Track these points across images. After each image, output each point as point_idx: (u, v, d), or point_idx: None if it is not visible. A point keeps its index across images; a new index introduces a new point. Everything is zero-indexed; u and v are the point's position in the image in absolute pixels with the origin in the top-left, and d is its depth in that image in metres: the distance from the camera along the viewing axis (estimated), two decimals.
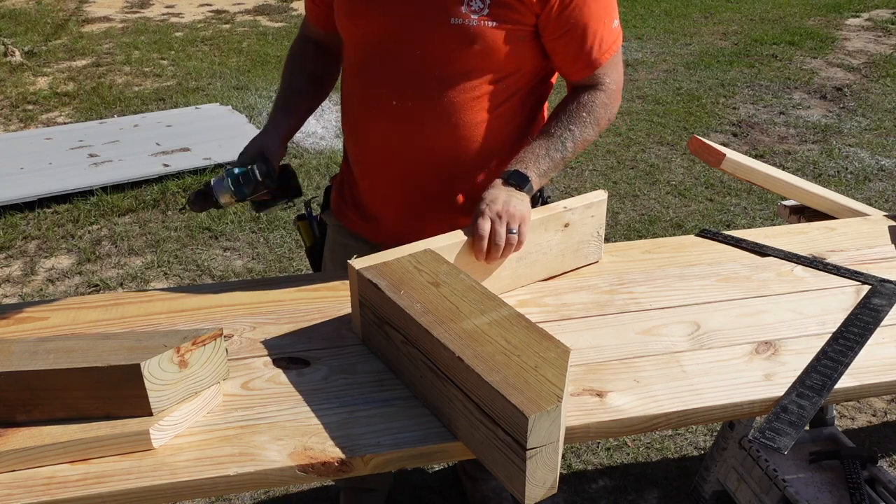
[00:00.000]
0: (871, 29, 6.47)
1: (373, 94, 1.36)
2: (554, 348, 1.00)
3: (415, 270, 1.17)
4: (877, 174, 3.98)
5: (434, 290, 1.12)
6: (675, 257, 1.46)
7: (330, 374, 1.14)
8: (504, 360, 0.97)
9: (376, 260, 1.20)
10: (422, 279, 1.15)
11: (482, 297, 1.11)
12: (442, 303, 1.09)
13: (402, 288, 1.12)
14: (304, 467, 0.97)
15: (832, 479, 1.80)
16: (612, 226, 3.48)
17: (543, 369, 0.96)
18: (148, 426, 0.99)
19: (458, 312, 1.07)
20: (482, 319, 1.06)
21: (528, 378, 0.94)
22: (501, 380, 0.93)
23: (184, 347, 1.03)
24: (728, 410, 1.10)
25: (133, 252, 3.31)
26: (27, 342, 1.07)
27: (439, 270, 1.17)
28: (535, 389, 0.92)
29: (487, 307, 1.08)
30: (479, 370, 0.95)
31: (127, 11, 7.28)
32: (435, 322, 1.05)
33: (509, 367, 0.96)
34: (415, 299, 1.09)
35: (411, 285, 1.13)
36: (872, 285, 1.35)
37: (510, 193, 1.28)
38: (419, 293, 1.11)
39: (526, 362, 0.97)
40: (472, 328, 1.04)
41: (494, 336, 1.02)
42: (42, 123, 4.71)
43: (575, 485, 2.15)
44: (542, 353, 0.99)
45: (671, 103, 4.88)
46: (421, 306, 1.08)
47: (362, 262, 1.19)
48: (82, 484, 0.95)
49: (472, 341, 1.01)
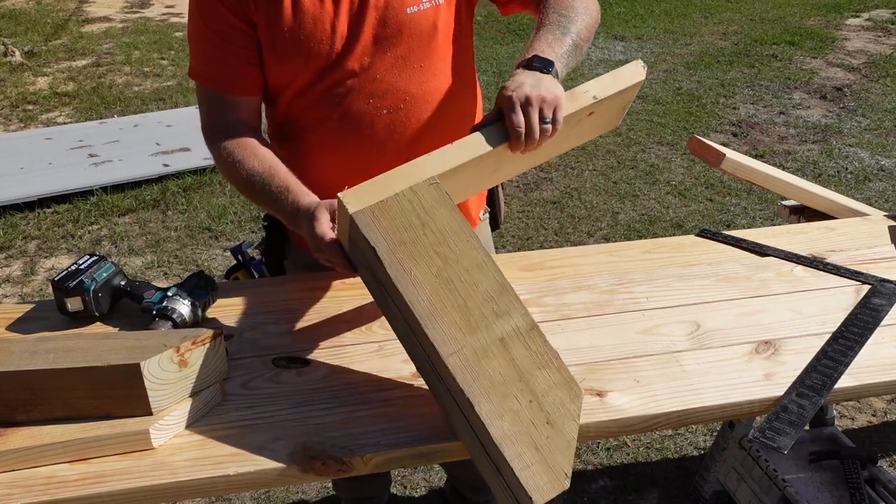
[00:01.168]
0: (871, 29, 6.46)
1: (356, 111, 1.27)
2: (567, 391, 0.92)
3: (418, 223, 1.00)
4: (877, 174, 3.98)
5: (440, 266, 0.98)
6: (675, 257, 1.46)
7: (330, 374, 1.14)
8: (514, 406, 0.90)
9: (371, 195, 1.00)
10: (426, 241, 0.99)
11: (495, 288, 0.98)
12: (450, 297, 0.96)
13: (402, 254, 0.97)
14: (304, 467, 0.97)
15: (832, 479, 1.80)
16: (612, 226, 3.48)
17: (554, 429, 0.89)
18: (148, 426, 0.99)
19: (468, 316, 0.95)
20: (493, 332, 0.95)
21: (539, 442, 0.88)
22: (511, 443, 0.87)
23: (184, 347, 1.03)
24: (728, 410, 1.10)
25: (133, 252, 3.31)
26: (27, 342, 1.07)
27: (446, 227, 1.00)
28: (544, 465, 0.86)
29: (499, 309, 0.97)
30: (486, 420, 0.87)
31: (127, 11, 7.28)
32: (441, 333, 0.93)
33: (519, 419, 0.89)
34: (420, 286, 0.95)
35: (414, 251, 0.98)
36: (872, 285, 1.35)
37: (537, 77, 1.12)
38: (423, 270, 0.97)
39: (537, 415, 0.90)
40: (482, 348, 0.93)
41: (504, 363, 0.93)
42: (42, 123, 4.71)
43: (575, 485, 2.15)
44: (553, 398, 0.92)
45: (671, 103, 4.88)
46: (427, 300, 0.95)
47: (355, 200, 1.00)
48: (82, 483, 0.95)
49: (479, 370, 0.91)
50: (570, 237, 3.39)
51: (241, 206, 3.63)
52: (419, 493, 2.14)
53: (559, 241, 3.36)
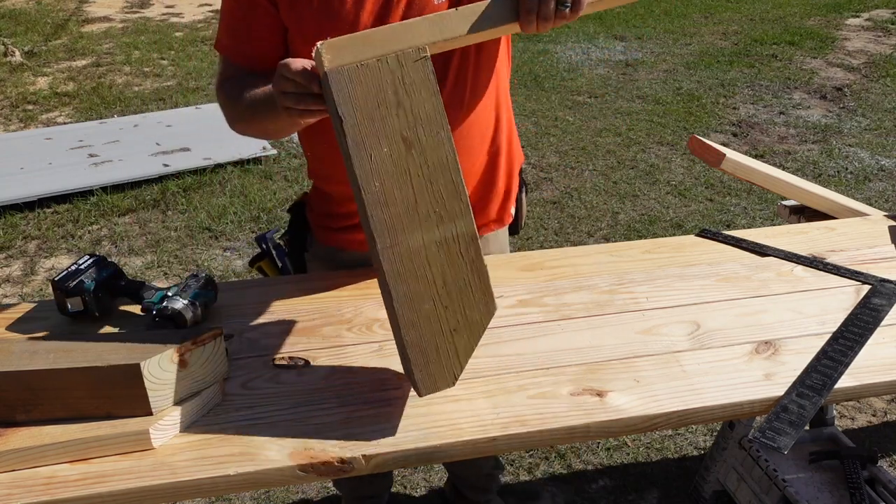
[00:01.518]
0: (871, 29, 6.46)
1: None
2: (483, 306, 1.00)
3: (393, 100, 0.94)
4: (877, 174, 3.98)
5: (402, 152, 0.95)
6: (675, 257, 1.46)
7: (330, 374, 1.14)
8: (429, 310, 0.97)
9: (352, 53, 0.93)
10: (395, 124, 0.94)
11: (449, 192, 0.97)
12: (402, 188, 0.95)
13: (367, 132, 0.93)
14: (304, 467, 0.97)
15: (832, 479, 1.80)
16: (612, 226, 3.48)
17: (459, 336, 0.98)
18: (148, 426, 0.99)
19: (414, 212, 0.95)
20: (433, 235, 0.96)
21: (440, 345, 0.98)
22: (414, 340, 0.97)
23: (184, 347, 1.03)
24: (728, 410, 1.10)
25: (133, 252, 3.31)
26: (27, 342, 1.07)
27: (420, 112, 0.95)
28: (438, 364, 0.98)
29: (446, 214, 0.96)
30: (401, 319, 0.96)
31: (127, 11, 7.28)
32: (383, 223, 0.94)
33: (429, 324, 0.97)
34: (375, 172, 0.94)
35: (380, 132, 0.94)
36: (872, 285, 1.35)
37: None
38: (384, 155, 0.94)
39: (447, 322, 0.98)
40: (417, 247, 0.95)
41: (434, 269, 0.97)
42: (42, 123, 4.71)
43: (575, 485, 2.15)
44: (468, 310, 0.99)
45: (671, 103, 4.88)
46: (379, 188, 0.94)
47: (333, 53, 0.93)
48: (82, 484, 0.95)
49: (409, 271, 0.96)
50: (570, 237, 3.39)
51: (241, 206, 3.63)
52: (419, 493, 2.14)
53: (559, 241, 3.36)
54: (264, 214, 3.56)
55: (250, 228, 3.46)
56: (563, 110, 4.80)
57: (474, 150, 1.36)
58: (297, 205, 1.51)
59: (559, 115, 4.71)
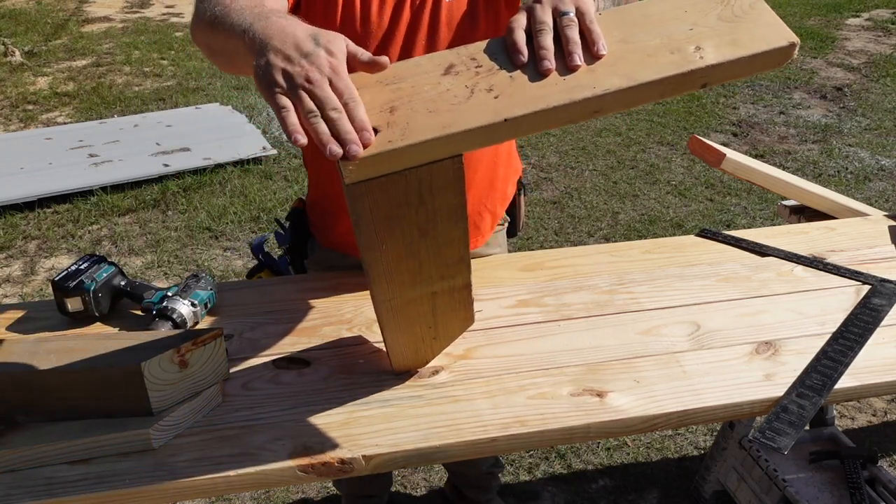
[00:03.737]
0: (871, 29, 6.46)
1: None
2: (462, 322, 1.11)
3: (416, 201, 0.84)
4: (877, 174, 3.98)
5: (414, 238, 0.90)
6: (675, 257, 1.46)
7: (330, 374, 1.14)
8: (417, 331, 1.06)
9: (378, 169, 0.79)
10: (413, 219, 0.87)
11: (454, 260, 0.94)
12: (409, 263, 0.92)
13: (382, 229, 0.87)
14: (304, 467, 0.97)
15: (832, 479, 1.80)
16: (612, 226, 3.48)
17: (437, 342, 1.11)
18: (148, 426, 0.99)
19: (417, 277, 0.95)
20: (432, 288, 0.98)
21: (421, 349, 1.11)
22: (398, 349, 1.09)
23: (184, 347, 1.03)
24: (728, 410, 1.10)
25: (133, 252, 3.31)
26: (27, 342, 1.07)
27: (442, 208, 0.87)
28: (416, 359, 1.12)
29: (447, 273, 0.96)
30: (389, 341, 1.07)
31: (127, 11, 7.28)
32: (385, 289, 0.95)
33: (414, 337, 1.07)
34: (385, 255, 0.90)
35: (397, 227, 0.87)
36: (872, 285, 1.35)
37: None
38: (396, 243, 0.89)
39: (429, 334, 1.08)
40: (415, 297, 1.00)
41: (426, 307, 1.03)
42: (42, 123, 4.71)
43: (575, 485, 2.15)
44: (450, 326, 1.10)
45: (671, 103, 4.88)
46: (385, 266, 0.92)
47: (358, 173, 0.78)
48: (82, 484, 0.95)
49: (404, 312, 1.02)
50: (570, 237, 3.39)
51: (241, 206, 3.63)
52: (419, 492, 2.14)
53: (559, 241, 3.36)
54: (264, 214, 3.55)
55: (250, 228, 3.46)
56: None
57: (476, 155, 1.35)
58: (295, 211, 1.49)
59: None
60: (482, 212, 1.41)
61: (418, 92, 0.83)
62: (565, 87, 0.82)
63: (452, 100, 0.82)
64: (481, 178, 1.36)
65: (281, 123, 0.77)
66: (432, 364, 1.15)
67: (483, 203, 1.40)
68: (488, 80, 0.84)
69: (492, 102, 0.82)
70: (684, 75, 0.83)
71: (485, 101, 0.81)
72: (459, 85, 0.84)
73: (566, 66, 0.83)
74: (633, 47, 0.85)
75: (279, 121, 0.77)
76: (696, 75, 0.83)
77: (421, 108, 0.81)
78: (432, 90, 0.83)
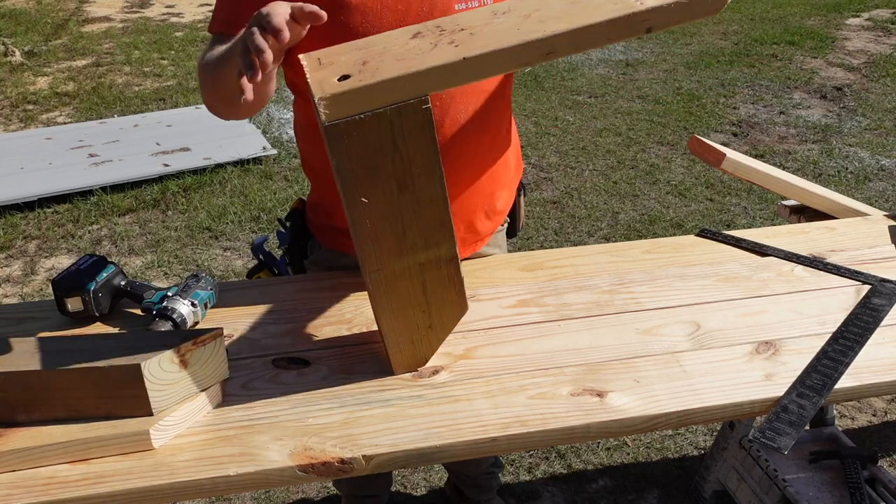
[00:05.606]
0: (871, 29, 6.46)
1: None
2: (456, 309, 1.11)
3: (391, 148, 0.92)
4: (877, 174, 3.98)
5: (394, 193, 0.95)
6: (675, 257, 1.46)
7: (330, 374, 1.14)
8: (410, 314, 1.08)
9: (353, 107, 0.88)
10: (391, 168, 0.93)
11: (436, 224, 0.99)
12: (393, 224, 0.97)
13: (362, 178, 0.92)
14: (304, 467, 0.97)
15: (832, 478, 1.80)
16: (612, 226, 3.48)
17: (433, 331, 1.11)
18: (148, 426, 0.99)
19: (402, 243, 0.99)
20: (418, 258, 1.02)
21: (416, 338, 1.11)
22: (394, 337, 1.09)
23: (184, 347, 1.03)
24: (728, 410, 1.10)
25: (133, 252, 3.31)
26: (27, 342, 1.07)
27: (417, 156, 0.93)
28: (412, 352, 1.12)
29: (431, 241, 1.00)
30: (383, 324, 1.07)
31: (127, 11, 7.28)
32: (372, 256, 0.99)
33: (408, 324, 1.08)
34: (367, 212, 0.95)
35: (375, 177, 0.93)
36: (872, 285, 1.35)
37: None
38: (377, 196, 0.94)
39: (424, 321, 1.09)
40: (402, 269, 1.03)
41: (416, 283, 1.05)
42: (42, 123, 4.71)
43: (575, 485, 2.15)
44: (443, 312, 1.10)
45: (671, 103, 4.88)
46: (370, 226, 0.96)
47: (333, 110, 0.87)
48: (82, 484, 0.95)
49: (393, 287, 1.04)
50: (570, 237, 3.39)
51: (241, 206, 3.63)
52: (419, 492, 2.14)
53: (559, 241, 3.36)
54: (264, 214, 3.56)
55: (250, 228, 3.46)
56: (563, 110, 4.80)
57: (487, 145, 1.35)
58: (296, 212, 1.49)
59: (559, 115, 4.71)
60: (477, 212, 1.40)
61: (388, 50, 0.94)
62: (519, 34, 0.92)
63: (418, 52, 0.92)
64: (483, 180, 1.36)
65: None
66: (432, 364, 1.15)
67: (479, 204, 1.40)
68: (451, 37, 0.94)
69: (453, 50, 0.91)
70: (627, 17, 0.93)
71: (447, 50, 0.92)
72: (425, 43, 0.94)
73: None
74: (581, 5, 0.96)
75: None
76: (638, 18, 0.93)
77: (389, 60, 0.91)
78: (400, 48, 0.94)
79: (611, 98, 4.99)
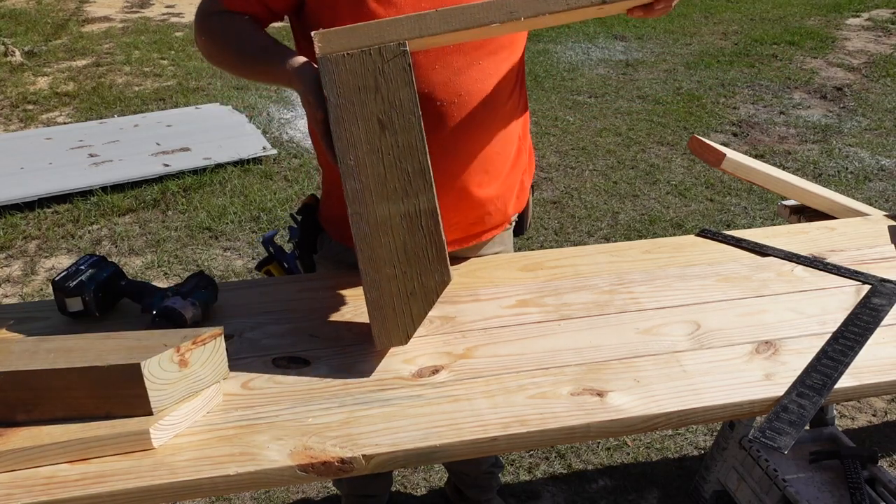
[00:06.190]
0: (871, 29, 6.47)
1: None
2: (438, 275, 1.11)
3: (373, 86, 1.06)
4: (877, 174, 3.98)
5: (376, 132, 1.07)
6: (675, 257, 1.46)
7: (330, 374, 1.14)
8: (390, 273, 1.10)
9: (343, 42, 1.05)
10: (373, 106, 1.06)
11: (415, 171, 1.08)
12: (375, 164, 1.07)
13: (347, 112, 1.06)
14: (304, 467, 0.97)
15: (832, 479, 1.80)
16: (612, 226, 3.48)
17: (414, 300, 1.10)
18: (148, 426, 0.99)
19: (383, 185, 1.08)
20: (398, 207, 1.08)
21: (397, 306, 1.11)
22: (375, 299, 1.09)
23: (184, 347, 1.03)
24: (728, 410, 1.10)
25: (133, 252, 3.31)
26: (27, 342, 1.07)
27: (396, 99, 1.07)
28: (394, 322, 1.11)
29: (411, 190, 1.08)
30: (365, 279, 1.09)
31: (127, 11, 7.28)
32: (356, 193, 1.07)
33: (389, 286, 1.10)
34: (351, 147, 1.06)
35: (359, 112, 1.06)
36: (872, 285, 1.35)
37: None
38: (360, 133, 1.06)
39: (405, 286, 1.10)
40: (384, 217, 1.08)
41: (397, 237, 1.09)
42: (42, 123, 4.71)
43: (575, 485, 2.15)
44: (424, 277, 1.10)
45: (671, 103, 4.88)
46: (353, 161, 1.07)
47: (325, 42, 1.06)
48: (82, 483, 0.95)
49: (374, 237, 1.08)
50: (570, 237, 3.39)
51: (241, 206, 3.63)
52: (419, 492, 2.14)
53: (559, 241, 3.36)
54: (264, 214, 3.56)
55: (250, 228, 3.46)
56: (563, 110, 4.80)
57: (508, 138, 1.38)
58: (307, 207, 1.50)
59: (559, 115, 4.71)
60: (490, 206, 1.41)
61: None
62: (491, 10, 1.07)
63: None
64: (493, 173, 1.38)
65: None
66: (432, 363, 1.15)
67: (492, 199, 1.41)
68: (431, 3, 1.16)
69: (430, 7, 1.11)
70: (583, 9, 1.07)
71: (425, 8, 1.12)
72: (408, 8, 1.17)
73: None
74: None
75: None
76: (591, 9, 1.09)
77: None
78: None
79: (611, 98, 4.99)
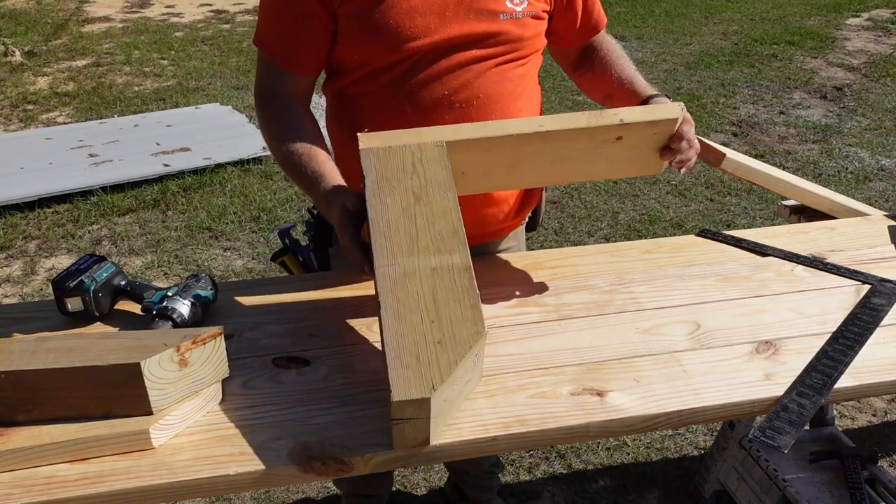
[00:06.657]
0: (871, 29, 6.47)
1: (429, 100, 1.29)
2: (471, 325, 0.99)
3: (410, 169, 1.14)
4: (877, 174, 3.98)
5: (411, 202, 1.11)
6: (675, 257, 1.46)
7: (330, 374, 1.14)
8: (416, 321, 0.99)
9: (384, 141, 1.17)
10: (409, 184, 1.13)
11: (448, 232, 1.08)
12: (407, 226, 1.08)
13: (384, 187, 1.12)
14: (304, 467, 0.97)
15: (832, 478, 1.80)
16: (612, 226, 3.48)
17: (443, 348, 0.97)
18: (148, 425, 0.99)
19: (414, 244, 1.07)
20: (429, 262, 1.05)
21: (422, 354, 0.96)
22: (396, 346, 0.97)
23: (184, 346, 1.03)
24: (728, 410, 1.10)
25: (133, 252, 3.31)
26: (27, 342, 1.07)
27: (432, 178, 1.14)
28: (417, 371, 0.94)
29: (443, 248, 1.06)
30: (385, 326, 0.99)
31: (127, 11, 7.28)
32: (385, 249, 1.06)
33: (413, 333, 0.98)
34: (385, 211, 1.10)
35: (392, 188, 1.12)
36: (872, 285, 1.35)
37: None
38: (394, 202, 1.11)
39: (433, 334, 0.98)
40: (413, 269, 1.04)
41: (426, 287, 1.02)
42: (42, 123, 4.71)
43: (575, 485, 2.15)
44: (455, 326, 0.99)
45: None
46: (386, 223, 1.08)
47: (368, 140, 1.17)
48: (82, 483, 0.95)
49: (402, 285, 1.02)
50: (570, 237, 3.39)
51: (241, 206, 3.63)
52: (419, 492, 2.14)
53: (559, 241, 3.36)
54: (264, 214, 3.56)
55: (250, 228, 3.46)
56: (564, 110, 4.80)
57: None
58: None
59: None
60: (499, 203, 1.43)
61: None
62: (518, 125, 1.19)
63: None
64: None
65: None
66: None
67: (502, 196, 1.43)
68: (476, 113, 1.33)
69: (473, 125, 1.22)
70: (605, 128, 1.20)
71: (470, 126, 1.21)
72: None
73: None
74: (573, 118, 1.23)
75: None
76: (612, 128, 1.20)
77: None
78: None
79: None
